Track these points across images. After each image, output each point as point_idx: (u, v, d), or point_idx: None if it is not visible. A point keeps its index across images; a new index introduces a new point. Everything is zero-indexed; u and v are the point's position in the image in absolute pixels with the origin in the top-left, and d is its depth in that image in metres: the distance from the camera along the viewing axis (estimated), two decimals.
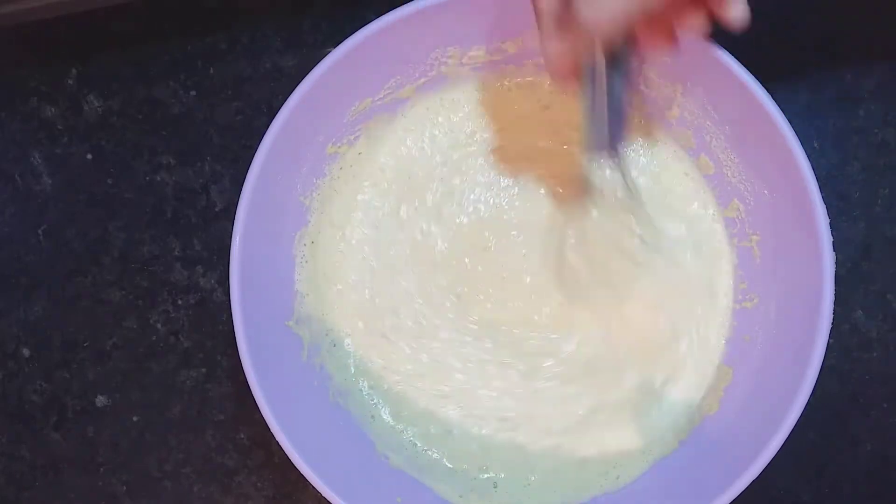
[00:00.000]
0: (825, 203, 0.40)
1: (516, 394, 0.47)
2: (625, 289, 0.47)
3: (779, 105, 0.41)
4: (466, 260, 0.48)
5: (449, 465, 0.47)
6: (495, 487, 0.46)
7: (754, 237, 0.46)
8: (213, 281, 0.51)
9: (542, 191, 0.48)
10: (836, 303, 0.40)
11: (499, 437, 0.47)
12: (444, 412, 0.47)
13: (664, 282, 0.47)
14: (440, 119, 0.49)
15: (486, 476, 0.47)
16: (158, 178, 0.52)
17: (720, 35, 0.41)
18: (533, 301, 0.48)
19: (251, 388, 0.41)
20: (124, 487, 0.51)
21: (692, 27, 0.37)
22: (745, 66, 0.41)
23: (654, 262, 0.46)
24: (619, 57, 0.38)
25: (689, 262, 0.47)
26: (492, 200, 0.48)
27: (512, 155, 0.48)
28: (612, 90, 0.39)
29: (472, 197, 0.48)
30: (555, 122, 0.48)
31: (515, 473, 0.47)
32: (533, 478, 0.46)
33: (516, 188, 0.48)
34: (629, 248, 0.45)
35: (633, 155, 0.48)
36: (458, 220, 0.48)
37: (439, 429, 0.47)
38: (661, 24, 0.38)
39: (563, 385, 0.47)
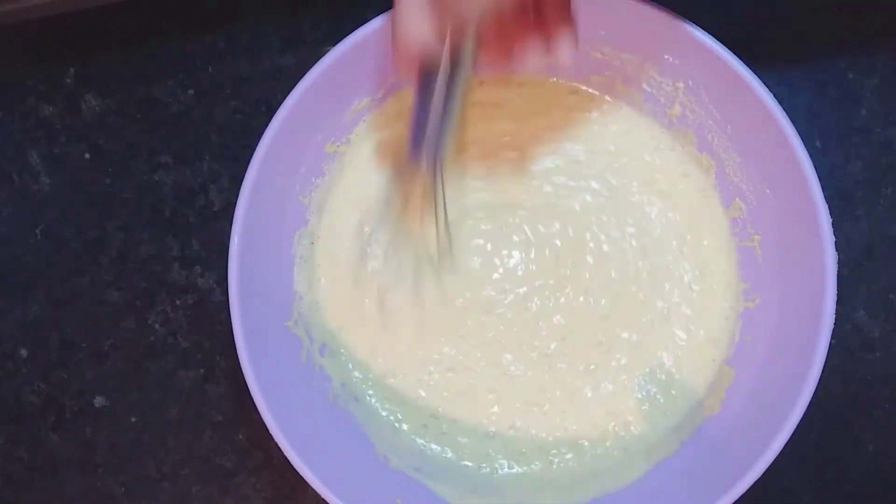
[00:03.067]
0: (827, 202, 0.40)
1: (516, 394, 0.47)
2: None
3: (781, 104, 0.41)
4: (466, 260, 0.48)
5: (449, 466, 0.47)
6: (495, 488, 0.46)
7: (756, 237, 0.45)
8: (211, 281, 0.51)
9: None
10: (838, 303, 0.40)
11: (499, 437, 0.47)
12: (445, 412, 0.47)
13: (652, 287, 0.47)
14: None
15: (486, 476, 0.46)
16: (157, 178, 0.51)
17: (723, 34, 0.41)
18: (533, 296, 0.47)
19: (250, 388, 0.41)
20: (122, 488, 0.51)
21: (529, 52, 0.37)
22: (747, 64, 0.41)
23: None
24: (463, 62, 0.37)
25: (688, 261, 0.47)
26: (489, 199, 0.48)
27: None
28: (451, 96, 0.38)
29: (472, 197, 0.48)
30: (553, 117, 0.48)
31: (515, 474, 0.46)
32: (533, 478, 0.46)
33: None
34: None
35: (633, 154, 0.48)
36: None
37: (439, 429, 0.47)
38: (505, 40, 0.38)
39: (564, 385, 0.47)
